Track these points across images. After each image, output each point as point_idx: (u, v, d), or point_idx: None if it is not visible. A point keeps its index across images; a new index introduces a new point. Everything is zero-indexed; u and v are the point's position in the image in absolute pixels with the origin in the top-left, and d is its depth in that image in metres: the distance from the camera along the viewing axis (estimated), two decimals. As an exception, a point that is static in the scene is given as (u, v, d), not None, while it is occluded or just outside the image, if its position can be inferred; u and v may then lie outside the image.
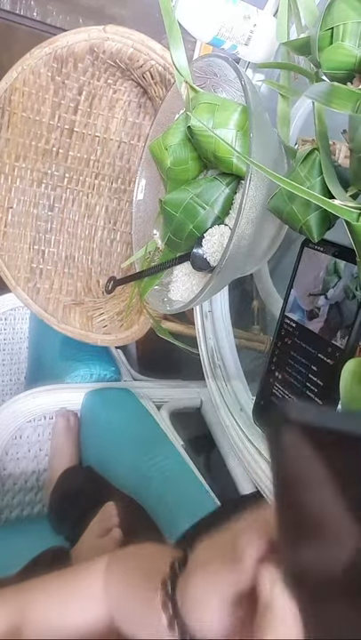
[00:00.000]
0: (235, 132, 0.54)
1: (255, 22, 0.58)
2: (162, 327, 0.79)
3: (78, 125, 0.94)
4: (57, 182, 0.98)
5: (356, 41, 0.42)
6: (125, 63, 0.81)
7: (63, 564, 0.69)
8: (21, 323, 1.34)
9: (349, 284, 0.46)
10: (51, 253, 1.01)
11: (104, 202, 1.03)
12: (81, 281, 1.04)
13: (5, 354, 1.33)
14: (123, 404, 0.95)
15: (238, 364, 0.70)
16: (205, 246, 0.60)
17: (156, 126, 0.66)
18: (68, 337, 0.94)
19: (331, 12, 0.42)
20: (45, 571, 0.55)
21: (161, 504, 0.72)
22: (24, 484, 0.99)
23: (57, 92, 0.88)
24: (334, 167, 0.43)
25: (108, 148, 0.98)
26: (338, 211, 0.37)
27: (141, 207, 0.72)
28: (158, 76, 0.79)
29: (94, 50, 0.80)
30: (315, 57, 0.44)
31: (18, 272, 0.95)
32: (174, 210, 0.62)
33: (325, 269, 0.49)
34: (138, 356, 1.26)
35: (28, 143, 0.91)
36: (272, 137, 0.54)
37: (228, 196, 0.59)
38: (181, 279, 0.67)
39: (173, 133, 0.61)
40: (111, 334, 0.93)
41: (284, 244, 0.60)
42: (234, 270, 0.55)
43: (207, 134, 0.55)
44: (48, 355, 1.13)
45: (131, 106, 0.94)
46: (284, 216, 0.47)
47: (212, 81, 0.60)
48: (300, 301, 0.52)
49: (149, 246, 0.71)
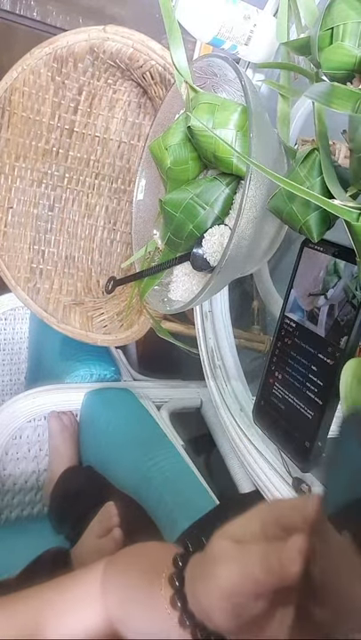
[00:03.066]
0: (235, 132, 0.54)
1: (255, 22, 0.58)
2: (162, 327, 0.79)
3: (78, 125, 0.94)
4: (57, 182, 0.98)
5: (356, 41, 0.42)
6: (125, 63, 0.81)
7: (63, 565, 0.69)
8: (21, 323, 1.34)
9: (349, 284, 0.46)
10: (51, 253, 1.01)
11: (104, 202, 1.03)
12: (81, 281, 1.04)
13: (5, 354, 1.33)
14: (123, 404, 0.95)
15: (238, 363, 0.70)
16: (205, 246, 0.60)
17: (156, 126, 0.66)
18: (68, 337, 0.94)
19: (331, 12, 0.42)
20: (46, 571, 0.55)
21: (161, 504, 0.72)
22: (24, 484, 0.99)
23: (57, 91, 0.88)
24: (334, 167, 0.43)
25: (108, 148, 0.98)
26: (338, 211, 0.37)
27: (141, 207, 0.72)
28: (158, 76, 0.79)
29: (94, 50, 0.80)
30: (315, 57, 0.44)
31: (18, 272, 0.95)
32: (174, 210, 0.62)
33: (325, 269, 0.49)
34: (138, 355, 1.26)
35: (28, 143, 0.91)
36: (272, 137, 0.54)
37: (228, 196, 0.59)
38: (181, 279, 0.67)
39: (173, 133, 0.61)
40: (111, 334, 0.93)
41: (284, 244, 0.60)
42: (234, 270, 0.55)
43: (207, 134, 0.55)
44: (48, 355, 1.13)
45: (131, 106, 0.94)
46: (284, 216, 0.47)
47: (212, 81, 0.60)
48: (300, 301, 0.52)
49: (149, 246, 0.71)
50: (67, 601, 0.38)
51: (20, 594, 0.40)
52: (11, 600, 0.40)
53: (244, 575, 0.27)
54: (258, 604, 0.27)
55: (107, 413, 0.92)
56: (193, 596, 0.30)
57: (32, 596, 0.40)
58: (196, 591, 0.30)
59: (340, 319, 0.46)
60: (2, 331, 1.33)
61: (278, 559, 0.25)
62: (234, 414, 0.64)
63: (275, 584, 0.26)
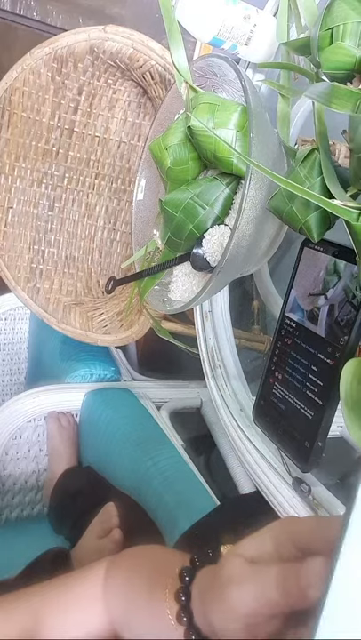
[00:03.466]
0: (235, 132, 0.54)
1: (255, 22, 0.58)
2: (162, 327, 0.79)
3: (78, 125, 0.94)
4: (57, 182, 0.98)
5: (356, 41, 0.42)
6: (125, 63, 0.81)
7: (63, 566, 0.69)
8: (21, 323, 1.34)
9: (349, 284, 0.46)
10: (51, 253, 1.01)
11: (104, 202, 1.03)
12: (81, 281, 1.04)
13: (5, 354, 1.33)
14: (123, 404, 0.95)
15: (238, 364, 0.70)
16: (205, 246, 0.60)
17: (156, 126, 0.66)
18: (68, 337, 0.94)
19: (331, 12, 0.42)
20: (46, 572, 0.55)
21: (161, 504, 0.72)
22: (24, 484, 0.99)
23: (57, 91, 0.88)
24: (334, 167, 0.43)
25: (108, 148, 0.98)
26: (338, 211, 0.37)
27: (141, 207, 0.72)
28: (158, 76, 0.79)
29: (94, 50, 0.80)
30: (315, 57, 0.44)
31: (18, 272, 0.95)
32: (174, 210, 0.62)
33: (325, 269, 0.49)
34: (138, 356, 1.26)
35: (28, 143, 0.91)
36: (272, 137, 0.54)
37: (228, 195, 0.59)
38: (181, 279, 0.67)
39: (173, 133, 0.61)
40: (111, 334, 0.93)
41: (284, 244, 0.60)
42: (234, 270, 0.55)
43: (207, 134, 0.55)
44: (48, 355, 1.13)
45: (131, 106, 0.94)
46: (284, 216, 0.47)
47: (212, 81, 0.60)
48: (300, 301, 0.52)
49: (149, 246, 0.71)
50: (68, 600, 0.38)
51: (20, 592, 0.40)
52: (11, 599, 0.40)
53: (261, 598, 0.26)
54: (272, 623, 0.27)
55: (107, 413, 0.92)
56: (203, 616, 0.29)
57: (33, 595, 0.39)
58: (208, 611, 0.29)
59: (340, 319, 0.46)
60: (2, 331, 1.33)
61: (297, 582, 0.25)
62: (234, 414, 0.64)
63: (292, 607, 0.25)
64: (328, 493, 0.52)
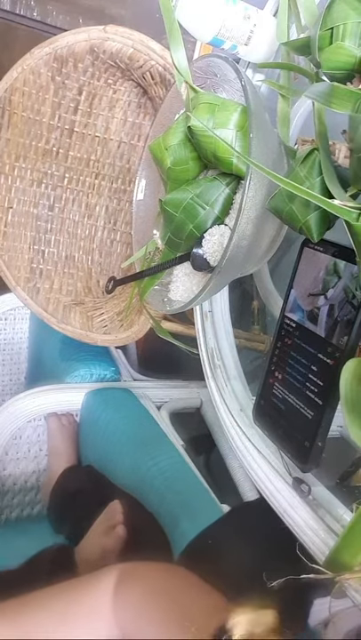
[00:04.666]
0: (235, 132, 0.54)
1: (255, 22, 0.58)
2: (162, 327, 0.79)
3: (78, 125, 0.94)
4: (57, 182, 0.98)
5: (356, 41, 0.42)
6: (125, 63, 0.81)
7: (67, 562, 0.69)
8: (21, 323, 1.34)
9: (349, 284, 0.46)
10: (51, 253, 1.01)
11: (104, 202, 1.03)
12: (81, 281, 1.04)
13: (5, 354, 1.33)
14: (123, 404, 0.95)
15: (238, 364, 0.70)
16: (205, 246, 0.60)
17: (156, 126, 0.66)
18: (68, 337, 0.94)
19: (331, 12, 0.42)
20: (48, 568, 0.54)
21: (162, 504, 0.72)
22: (24, 484, 0.99)
23: (57, 91, 0.88)
24: (334, 167, 0.43)
25: (108, 148, 0.98)
26: (338, 211, 0.37)
27: (141, 207, 0.72)
28: (158, 76, 0.79)
29: (94, 50, 0.80)
30: (315, 57, 0.44)
31: (18, 272, 0.95)
32: (174, 210, 0.62)
33: (325, 269, 0.49)
34: (138, 355, 1.26)
35: (28, 143, 0.91)
36: (272, 137, 0.54)
37: (228, 195, 0.59)
38: (181, 279, 0.67)
39: (173, 133, 0.61)
40: (111, 334, 0.93)
41: (284, 244, 0.60)
42: (234, 270, 0.55)
43: (207, 134, 0.55)
44: (48, 355, 1.13)
45: (131, 106, 0.94)
46: (283, 216, 0.47)
47: (212, 81, 0.60)
48: (300, 301, 0.52)
49: (149, 246, 0.71)
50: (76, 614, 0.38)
51: (22, 601, 0.39)
52: (14, 607, 0.39)
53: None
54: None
55: (107, 413, 0.92)
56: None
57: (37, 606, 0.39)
58: None
59: (340, 319, 0.46)
60: (2, 331, 1.33)
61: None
62: (234, 414, 0.64)
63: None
64: (328, 493, 0.52)
